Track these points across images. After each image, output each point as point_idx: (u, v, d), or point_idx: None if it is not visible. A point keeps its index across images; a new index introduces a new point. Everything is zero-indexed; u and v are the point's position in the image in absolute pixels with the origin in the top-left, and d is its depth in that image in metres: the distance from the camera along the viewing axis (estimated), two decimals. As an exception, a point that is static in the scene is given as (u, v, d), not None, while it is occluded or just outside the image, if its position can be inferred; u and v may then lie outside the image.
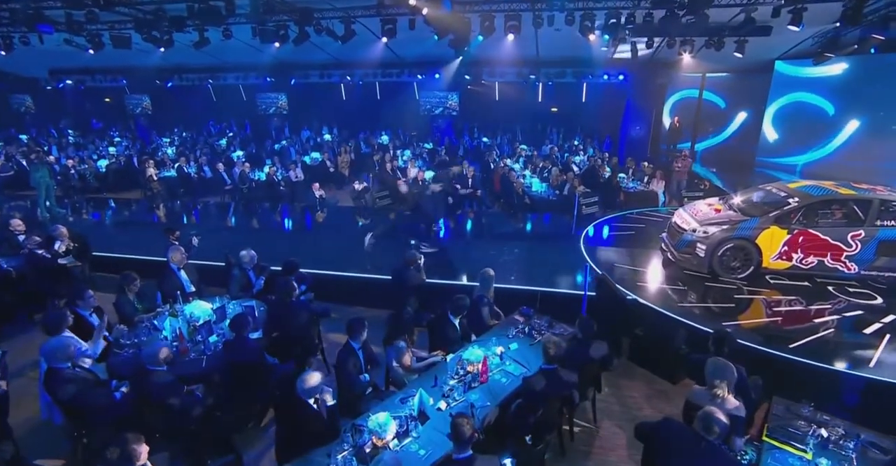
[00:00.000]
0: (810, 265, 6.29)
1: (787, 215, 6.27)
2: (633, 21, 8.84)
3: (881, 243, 6.02)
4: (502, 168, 12.26)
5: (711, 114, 14.53)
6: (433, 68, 15.43)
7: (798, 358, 4.71)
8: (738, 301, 6.01)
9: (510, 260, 7.49)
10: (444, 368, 4.33)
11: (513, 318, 5.30)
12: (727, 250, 6.40)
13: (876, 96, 10.54)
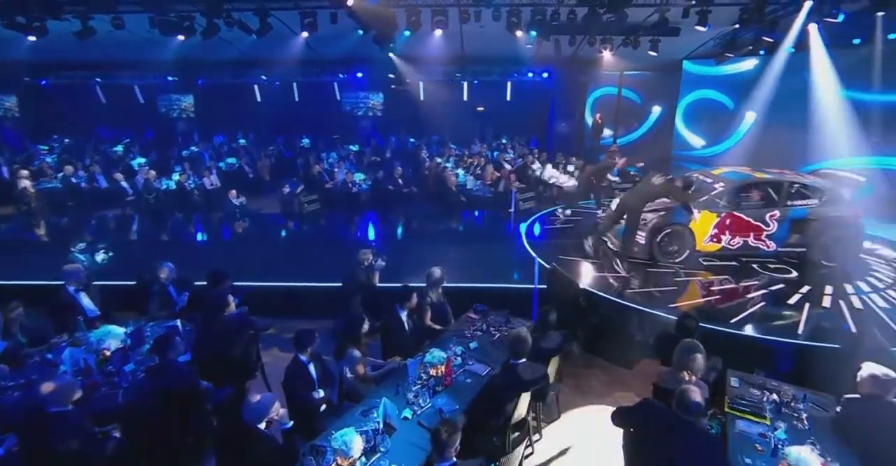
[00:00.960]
0: (737, 245, 6.83)
1: (714, 200, 6.76)
2: (558, 18, 9.18)
3: (793, 221, 6.67)
4: (435, 167, 12.24)
5: (630, 111, 15.51)
6: (356, 67, 15.08)
7: (739, 333, 5.05)
8: (678, 284, 6.37)
9: (455, 259, 7.41)
10: (404, 375, 4.11)
11: (468, 317, 5.21)
12: (665, 236, 6.78)
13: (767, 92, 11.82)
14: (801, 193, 6.73)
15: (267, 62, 14.44)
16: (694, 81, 13.60)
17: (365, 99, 17.88)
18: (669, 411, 3.03)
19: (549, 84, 15.84)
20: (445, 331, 4.93)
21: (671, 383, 3.60)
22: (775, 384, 3.84)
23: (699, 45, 11.94)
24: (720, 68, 12.32)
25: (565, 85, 15.35)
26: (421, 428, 3.47)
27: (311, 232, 9.67)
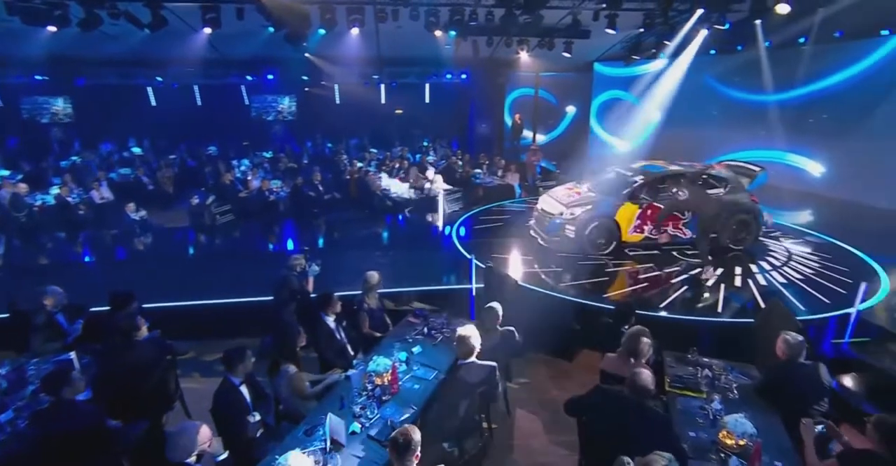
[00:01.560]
0: (658, 234, 7.35)
1: (636, 192, 7.25)
2: (476, 19, 9.42)
3: None
4: (357, 171, 12.03)
5: (547, 111, 16.28)
6: (266, 68, 14.44)
7: (669, 316, 5.45)
8: (608, 275, 6.75)
9: (387, 263, 7.28)
10: (347, 386, 3.95)
11: (407, 321, 5.13)
12: (593, 229, 7.15)
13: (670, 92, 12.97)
14: (708, 183, 7.42)
15: (162, 62, 13.36)
16: (605, 82, 14.59)
17: (275, 102, 17.20)
18: (622, 394, 3.16)
19: (468, 85, 16.20)
20: (385, 338, 4.82)
21: (618, 368, 3.78)
22: (706, 360, 4.16)
23: (608, 47, 12.81)
24: (628, 70, 13.32)
25: (484, 86, 15.78)
26: (372, 442, 3.34)
27: (226, 244, 9.08)
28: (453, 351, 4.41)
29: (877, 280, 6.28)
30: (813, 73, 9.94)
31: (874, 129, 9.17)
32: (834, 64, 9.66)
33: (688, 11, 9.16)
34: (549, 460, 4.23)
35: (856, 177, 9.47)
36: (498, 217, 9.79)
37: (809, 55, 9.70)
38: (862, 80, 9.38)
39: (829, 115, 9.89)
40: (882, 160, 9.09)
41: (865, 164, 9.26)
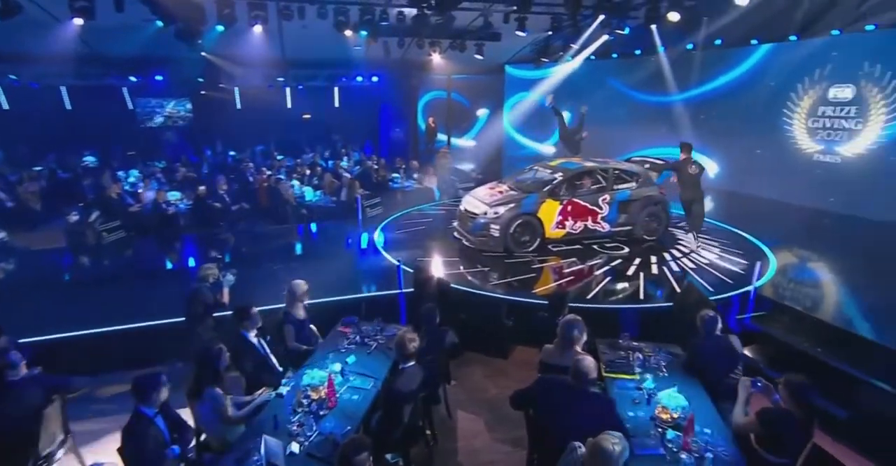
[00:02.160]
0: (579, 229, 7.79)
1: (556, 188, 7.63)
2: (387, 19, 9.44)
3: (620, 203, 7.87)
4: (265, 180, 11.52)
5: (461, 114, 16.68)
6: (153, 68, 13.35)
7: (597, 306, 5.80)
8: (534, 271, 7.03)
9: (308, 274, 6.96)
10: (280, 404, 3.74)
11: (338, 331, 4.98)
12: (517, 226, 7.41)
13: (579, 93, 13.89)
14: (622, 178, 8.00)
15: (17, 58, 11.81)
16: (517, 84, 15.27)
17: (165, 107, 16.00)
18: (565, 382, 3.30)
19: (380, 88, 16.14)
20: (316, 351, 4.64)
21: (557, 358, 3.95)
22: (636, 344, 4.48)
23: (518, 49, 13.42)
24: (538, 72, 14.05)
25: (396, 89, 15.83)
26: (313, 461, 3.19)
27: (118, 264, 8.22)
28: (389, 358, 4.37)
29: (766, 260, 7.14)
30: (702, 76, 11.14)
31: (753, 128, 10.46)
32: (718, 68, 10.91)
33: (591, 16, 9.88)
34: (495, 458, 4.30)
35: (743, 171, 10.73)
36: (419, 220, 9.84)
37: (698, 60, 10.87)
38: (740, 84, 10.68)
39: (717, 116, 11.14)
40: (763, 156, 10.38)
41: (750, 160, 10.53)
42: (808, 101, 9.48)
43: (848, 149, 9.00)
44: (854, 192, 8.83)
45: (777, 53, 9.96)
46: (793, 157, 9.83)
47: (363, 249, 8.29)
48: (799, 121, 9.68)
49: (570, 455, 2.86)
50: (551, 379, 3.45)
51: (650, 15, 8.95)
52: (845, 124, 8.97)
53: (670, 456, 3.15)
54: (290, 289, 4.86)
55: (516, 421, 4.60)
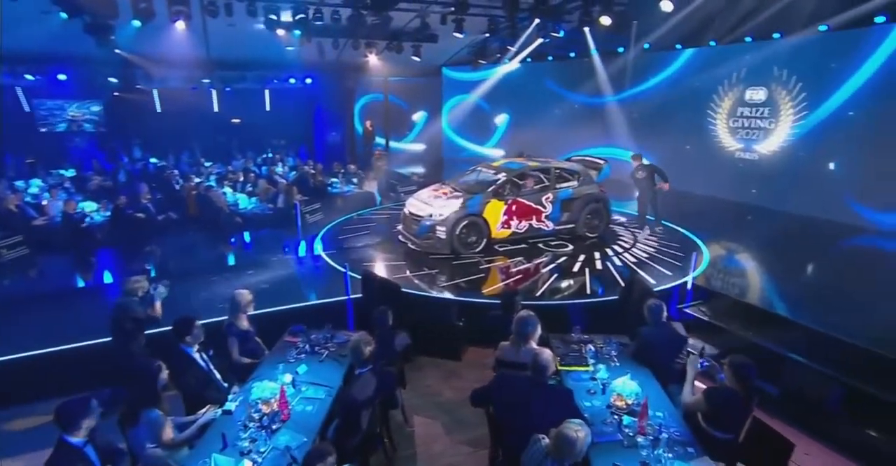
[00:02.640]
0: (524, 229, 8.02)
1: (500, 189, 7.82)
2: (322, 18, 9.33)
3: (563, 202, 8.17)
4: (194, 187, 10.99)
5: (399, 117, 16.70)
6: (56, 66, 12.37)
7: (547, 302, 6.00)
8: (481, 272, 7.17)
9: (249, 283, 6.73)
10: (228, 421, 3.59)
11: (285, 342, 4.84)
12: (463, 228, 7.52)
13: (516, 95, 14.35)
14: (563, 177, 8.32)
15: None
16: (455, 87, 15.52)
17: (61, 109, 14.80)
18: (524, 377, 3.40)
19: (314, 90, 15.85)
20: (262, 363, 4.48)
21: (513, 355, 4.05)
22: (587, 337, 4.67)
23: (456, 51, 13.66)
24: (476, 74, 14.36)
25: (331, 91, 15.60)
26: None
27: (22, 284, 7.53)
28: (343, 365, 4.32)
29: (700, 252, 7.68)
30: (633, 79, 11.84)
31: (681, 128, 11.24)
32: (648, 71, 11.64)
33: (527, 19, 10.25)
34: (455, 461, 4.33)
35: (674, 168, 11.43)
36: (362, 226, 9.76)
37: (629, 63, 11.54)
38: (668, 86, 11.46)
39: (648, 116, 11.86)
40: (691, 154, 11.16)
41: (681, 158, 11.28)
42: (728, 103, 10.34)
43: (764, 146, 9.88)
44: (771, 187, 9.70)
45: (699, 58, 10.78)
46: (718, 155, 10.65)
47: (305, 257, 8.11)
48: (721, 121, 10.53)
49: (534, 447, 2.95)
50: (510, 374, 3.54)
51: (583, 18, 9.42)
52: (761, 124, 9.86)
53: (628, 441, 3.31)
54: (234, 299, 4.67)
55: (474, 422, 4.70)
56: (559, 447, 2.76)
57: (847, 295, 6.17)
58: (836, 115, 8.84)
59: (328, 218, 10.21)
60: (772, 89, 9.56)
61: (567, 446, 2.72)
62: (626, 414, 3.53)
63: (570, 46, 12.19)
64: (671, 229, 8.92)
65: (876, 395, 4.39)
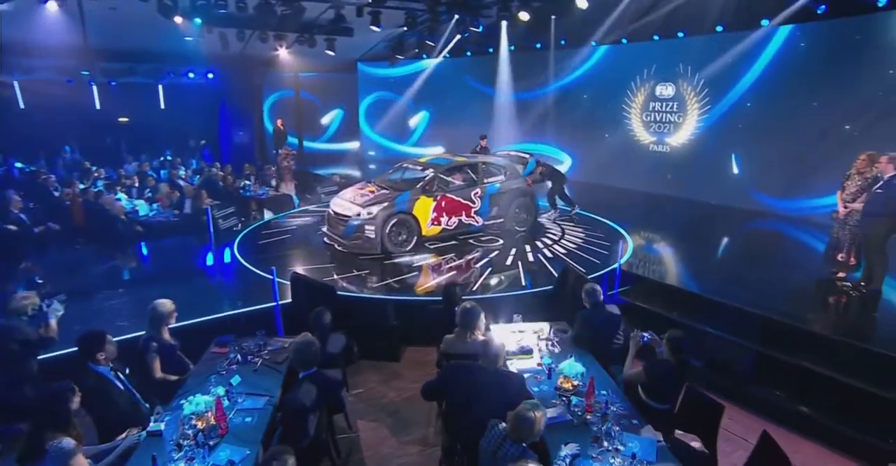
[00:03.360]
0: (454, 225, 8.21)
1: (428, 185, 7.96)
2: (226, 6, 8.98)
3: (491, 196, 8.46)
4: (80, 194, 10.12)
5: (312, 115, 16.39)
6: None
7: (485, 296, 6.24)
8: (416, 270, 7.27)
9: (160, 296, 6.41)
10: (157, 443, 3.40)
11: (211, 354, 4.66)
12: (393, 226, 7.57)
13: (435, 91, 14.61)
14: (490, 171, 8.64)
15: None
16: (371, 83, 15.50)
17: None
18: (476, 365, 3.55)
19: (217, 86, 15.15)
20: (188, 379, 4.28)
21: (460, 347, 4.19)
22: (527, 325, 4.91)
23: (372, 46, 13.66)
24: (394, 70, 14.45)
25: (237, 87, 15.02)
26: None
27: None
28: (280, 372, 4.25)
29: (625, 240, 8.30)
30: (551, 75, 12.50)
31: (599, 123, 12.05)
32: (564, 67, 12.34)
33: (446, 13, 10.50)
34: (405, 461, 4.39)
35: (594, 163, 12.28)
36: (283, 229, 9.52)
37: (548, 59, 12.18)
38: (586, 82, 12.24)
39: (567, 112, 12.58)
40: (609, 147, 11.98)
41: (599, 152, 12.08)
42: (641, 98, 11.24)
43: (674, 139, 10.86)
44: (681, 178, 10.68)
45: (613, 54, 11.62)
46: (634, 148, 11.53)
47: (221, 264, 7.78)
48: (635, 116, 11.42)
49: (492, 432, 3.10)
50: (461, 364, 3.67)
51: (501, 14, 9.83)
52: (670, 118, 10.82)
53: (577, 420, 3.55)
54: (153, 310, 4.40)
55: (421, 422, 4.82)
56: (518, 428, 2.92)
57: (751, 272, 6.98)
58: (735, 110, 9.92)
59: (245, 223, 9.85)
60: (679, 85, 10.54)
61: (526, 426, 2.89)
62: (573, 395, 3.79)
63: (489, 42, 12.64)
64: (596, 221, 9.53)
65: (780, 359, 5.03)
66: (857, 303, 5.90)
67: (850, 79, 8.31)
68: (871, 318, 5.61)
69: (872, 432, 4.28)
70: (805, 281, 6.63)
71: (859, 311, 5.83)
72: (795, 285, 6.56)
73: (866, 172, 6.02)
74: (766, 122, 9.47)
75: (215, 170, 12.17)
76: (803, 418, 4.62)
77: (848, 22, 8.38)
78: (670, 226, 9.06)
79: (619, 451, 3.19)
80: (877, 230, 5.66)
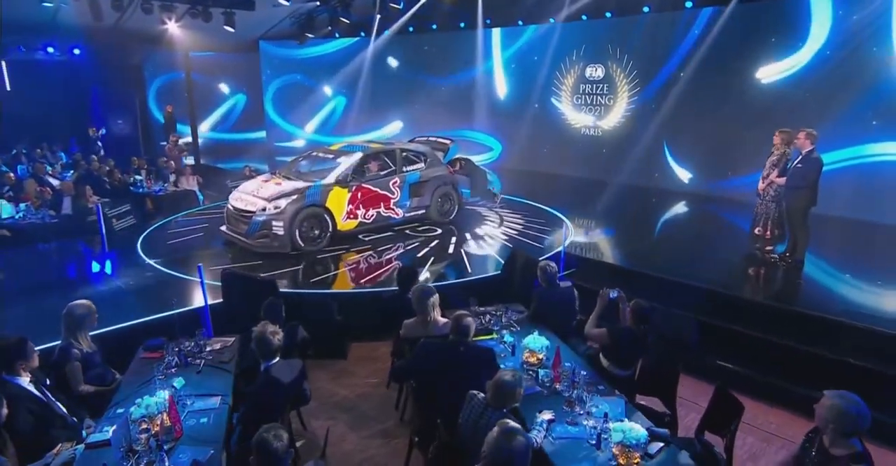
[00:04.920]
0: (372, 218, 8.22)
1: (342, 175, 7.87)
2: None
3: (411, 186, 8.53)
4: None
5: (208, 100, 15.89)
6: None
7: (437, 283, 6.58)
8: (351, 263, 7.50)
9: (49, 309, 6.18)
10: (105, 453, 3.40)
11: (141, 359, 4.66)
12: (304, 220, 7.51)
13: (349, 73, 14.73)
14: (409, 159, 8.72)
15: None
16: (278, 65, 15.31)
17: None
18: (446, 342, 3.89)
19: (86, 66, 14.17)
20: (120, 388, 4.26)
21: (420, 330, 4.50)
22: (482, 308, 5.34)
23: (277, 22, 13.49)
24: (304, 50, 14.38)
25: (113, 67, 14.20)
26: None
27: None
28: (227, 372, 4.35)
29: (565, 225, 9.05)
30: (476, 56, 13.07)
31: (529, 107, 12.80)
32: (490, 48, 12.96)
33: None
34: (370, 454, 4.64)
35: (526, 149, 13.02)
36: (191, 228, 9.29)
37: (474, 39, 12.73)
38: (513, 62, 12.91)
39: (495, 96, 13.23)
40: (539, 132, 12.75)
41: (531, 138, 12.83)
42: (571, 80, 12.10)
43: (606, 122, 11.82)
44: (612, 161, 11.67)
45: (542, 34, 12.38)
46: (565, 133, 12.40)
47: (126, 268, 7.55)
48: (566, 99, 12.27)
49: (471, 403, 3.45)
50: (431, 342, 4.00)
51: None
52: (601, 100, 11.76)
53: (547, 391, 4.01)
54: (70, 314, 4.31)
55: (378, 416, 5.14)
56: (498, 394, 3.29)
57: (686, 248, 7.99)
58: (663, 92, 10.98)
59: (143, 223, 9.52)
60: (608, 66, 11.49)
61: (507, 390, 3.27)
62: (539, 369, 4.24)
63: (409, 21, 12.96)
64: (534, 207, 10.19)
65: (722, 326, 5.87)
66: (782, 273, 6.90)
67: (767, 60, 9.54)
68: (795, 285, 6.60)
69: (804, 385, 5.12)
70: (736, 256, 7.60)
71: (785, 279, 6.82)
72: (728, 260, 7.50)
73: (780, 148, 7.06)
74: (693, 104, 10.58)
75: (96, 163, 11.56)
76: (746, 379, 5.40)
77: (761, 5, 9.61)
78: (606, 210, 9.93)
79: (591, 414, 3.67)
80: (798, 203, 6.65)
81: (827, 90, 8.88)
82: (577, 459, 3.27)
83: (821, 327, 5.52)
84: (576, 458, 3.28)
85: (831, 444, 2.83)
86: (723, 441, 3.82)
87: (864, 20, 8.53)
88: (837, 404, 2.78)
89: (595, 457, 3.29)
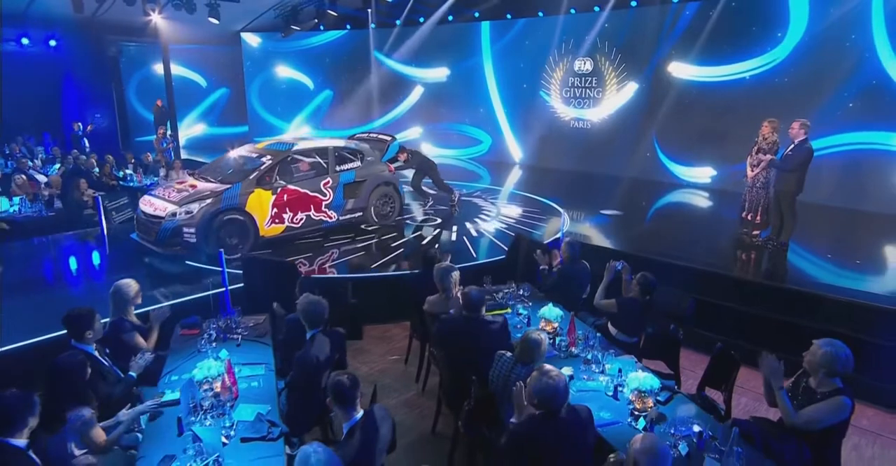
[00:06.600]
0: (300, 222, 7.90)
1: (265, 175, 7.58)
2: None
3: (346, 186, 8.27)
4: None
5: (193, 94, 16.20)
6: None
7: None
8: (359, 250, 8.01)
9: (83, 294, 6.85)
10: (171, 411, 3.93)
11: (180, 336, 5.16)
12: (220, 226, 7.22)
13: (336, 65, 15.23)
14: (344, 157, 8.42)
15: None
16: (259, 58, 15.70)
17: None
18: (462, 317, 4.50)
19: (61, 57, 14.38)
20: (167, 360, 4.77)
21: (443, 307, 5.10)
22: (495, 286, 5.96)
23: (259, 14, 13.89)
24: (290, 43, 14.81)
25: (92, 60, 14.42)
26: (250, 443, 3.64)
27: None
28: (266, 346, 4.90)
29: (562, 214, 9.76)
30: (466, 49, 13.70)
31: (521, 98, 13.46)
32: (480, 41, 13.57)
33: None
34: (397, 420, 5.14)
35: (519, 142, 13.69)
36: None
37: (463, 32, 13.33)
38: (502, 56, 13.57)
39: (483, 89, 13.88)
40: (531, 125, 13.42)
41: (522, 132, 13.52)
42: (560, 73, 12.84)
43: (594, 114, 12.59)
44: (602, 153, 12.43)
45: (530, 27, 13.07)
46: (554, 125, 13.13)
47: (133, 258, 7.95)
48: (555, 92, 13.00)
49: (500, 361, 4.06)
50: (449, 318, 4.61)
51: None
52: (590, 93, 12.51)
53: (564, 354, 4.65)
54: (118, 292, 4.79)
55: (399, 387, 5.73)
56: (526, 350, 3.90)
57: (676, 233, 8.83)
58: (653, 84, 11.75)
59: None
60: (597, 60, 12.26)
61: (535, 346, 3.89)
62: (555, 336, 4.89)
63: (397, 13, 13.51)
64: (528, 197, 10.88)
65: (714, 302, 6.63)
66: (769, 254, 7.69)
67: (753, 50, 10.37)
68: (781, 265, 7.40)
69: (792, 350, 5.87)
70: (725, 240, 8.39)
71: (772, 260, 7.60)
72: (719, 244, 8.30)
73: (769, 138, 7.84)
74: (680, 96, 11.38)
75: (84, 157, 11.90)
76: (738, 348, 6.14)
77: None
78: (600, 200, 10.67)
79: (606, 371, 4.33)
80: (787, 186, 7.42)
81: (809, 80, 9.76)
82: (597, 408, 3.87)
83: (805, 300, 6.33)
84: (596, 407, 3.89)
85: (819, 385, 3.55)
86: (722, 395, 4.52)
87: (843, 8, 9.37)
88: (829, 351, 3.50)
89: (614, 406, 3.92)
